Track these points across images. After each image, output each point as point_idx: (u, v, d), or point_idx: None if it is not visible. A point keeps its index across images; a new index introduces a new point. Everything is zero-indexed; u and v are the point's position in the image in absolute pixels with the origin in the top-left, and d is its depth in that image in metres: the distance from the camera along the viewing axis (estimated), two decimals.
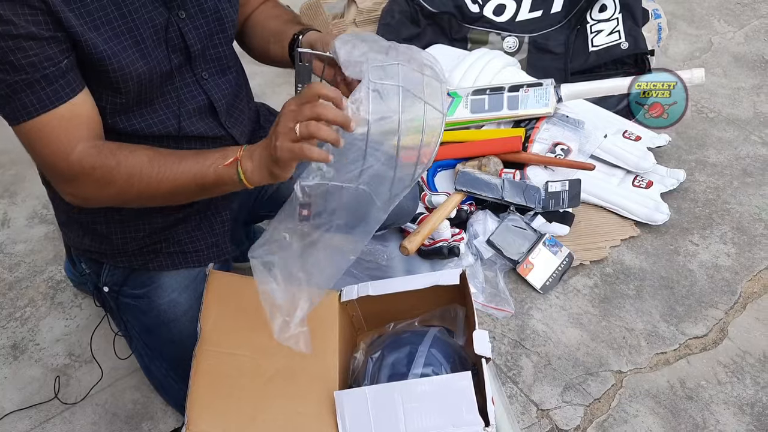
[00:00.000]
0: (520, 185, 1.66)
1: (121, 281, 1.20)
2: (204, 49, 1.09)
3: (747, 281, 1.57)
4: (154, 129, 1.07)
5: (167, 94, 1.07)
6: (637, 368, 1.42)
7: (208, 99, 1.12)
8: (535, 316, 1.52)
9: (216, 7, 1.07)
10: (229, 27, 1.11)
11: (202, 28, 1.06)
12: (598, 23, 2.05)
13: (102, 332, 1.41)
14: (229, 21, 1.11)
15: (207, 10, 1.06)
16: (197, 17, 1.05)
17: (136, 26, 0.97)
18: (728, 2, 2.45)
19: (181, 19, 1.03)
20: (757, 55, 2.22)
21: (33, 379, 1.45)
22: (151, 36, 1.00)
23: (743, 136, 1.94)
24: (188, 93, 1.09)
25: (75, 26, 0.91)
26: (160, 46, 1.02)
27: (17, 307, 1.60)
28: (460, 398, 1.03)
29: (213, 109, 1.14)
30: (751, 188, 1.78)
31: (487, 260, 1.61)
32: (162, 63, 1.02)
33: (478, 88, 1.86)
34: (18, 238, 1.76)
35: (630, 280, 1.58)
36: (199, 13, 1.05)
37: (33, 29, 0.88)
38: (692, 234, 1.68)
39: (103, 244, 1.17)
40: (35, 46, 0.89)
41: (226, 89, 1.16)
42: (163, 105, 1.07)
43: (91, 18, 0.93)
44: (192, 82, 1.10)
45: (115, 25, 0.95)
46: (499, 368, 1.42)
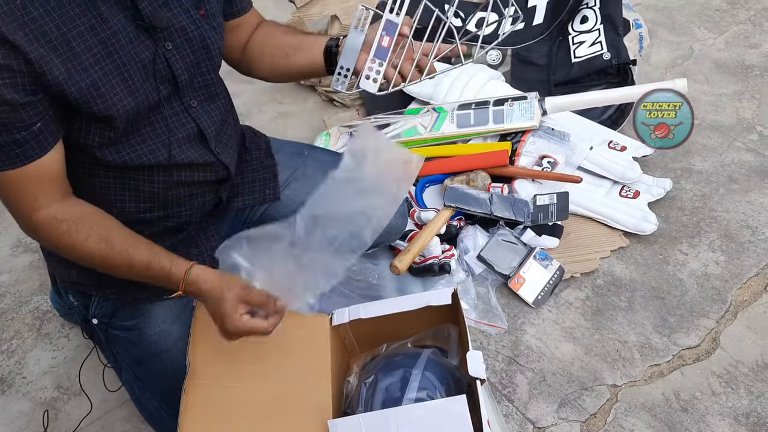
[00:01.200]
0: (509, 199, 1.66)
1: (111, 313, 1.19)
2: (191, 78, 1.08)
3: (737, 289, 1.57)
4: (144, 159, 1.07)
5: (156, 123, 1.06)
6: (632, 381, 1.41)
7: (197, 126, 1.11)
8: (528, 331, 1.51)
9: (202, 36, 1.07)
10: (215, 55, 1.11)
11: (188, 57, 1.06)
12: (580, 34, 2.06)
13: (91, 364, 1.39)
14: (216, 49, 1.11)
15: (193, 39, 1.06)
16: (183, 47, 1.05)
17: (123, 63, 0.97)
18: (707, 9, 2.47)
19: (168, 50, 1.03)
20: (737, 61, 2.24)
21: (21, 414, 1.43)
22: (138, 70, 0.99)
23: (727, 142, 1.95)
24: (177, 122, 1.09)
25: (59, 75, 0.90)
26: (148, 80, 1.01)
27: (3, 339, 1.57)
28: (455, 423, 1.02)
29: (203, 136, 1.13)
30: (737, 195, 1.79)
31: (479, 276, 1.61)
32: (150, 95, 1.02)
33: (463, 102, 1.86)
34: (2, 268, 1.73)
35: (621, 291, 1.58)
36: (185, 43, 1.05)
37: (8, 96, 0.88)
38: (681, 243, 1.68)
39: (90, 277, 1.15)
40: (9, 111, 0.89)
41: (215, 116, 1.15)
42: (152, 135, 1.06)
43: (78, 61, 0.92)
44: (180, 111, 1.09)
45: (103, 65, 0.95)
46: (493, 386, 1.41)
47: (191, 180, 1.15)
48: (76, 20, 0.91)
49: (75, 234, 0.99)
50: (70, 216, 1.00)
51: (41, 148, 0.94)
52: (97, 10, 0.93)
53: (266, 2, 2.64)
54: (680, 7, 2.49)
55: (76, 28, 0.92)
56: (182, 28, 1.04)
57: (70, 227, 0.99)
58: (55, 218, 0.99)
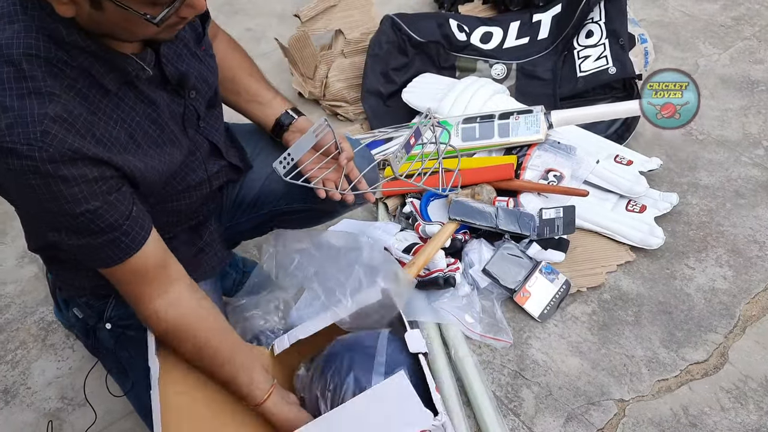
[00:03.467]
0: (514, 213, 1.65)
1: (130, 314, 1.18)
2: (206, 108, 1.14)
3: (745, 304, 1.56)
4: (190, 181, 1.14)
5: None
6: (639, 396, 1.40)
7: (210, 142, 1.16)
8: (534, 345, 1.50)
9: (209, 68, 1.12)
10: (217, 80, 1.16)
11: (206, 95, 1.11)
12: (585, 49, 2.07)
13: (95, 374, 1.38)
14: (216, 73, 1.15)
15: (206, 75, 1.10)
16: (202, 88, 1.09)
17: (170, 130, 1.03)
18: (712, 25, 2.48)
19: (192, 98, 1.07)
20: (743, 77, 2.24)
21: (25, 425, 1.42)
22: (176, 126, 1.05)
23: (733, 157, 1.95)
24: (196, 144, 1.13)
25: (139, 171, 0.97)
26: (182, 132, 1.06)
27: (8, 350, 1.57)
28: (404, 399, 1.06)
29: (217, 150, 1.19)
30: (744, 210, 1.79)
31: (484, 289, 1.60)
32: (184, 142, 1.07)
33: (468, 116, 1.87)
34: (8, 279, 1.74)
35: (628, 306, 1.57)
36: (203, 83, 1.09)
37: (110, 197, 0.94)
38: (688, 257, 1.67)
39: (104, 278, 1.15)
40: (110, 207, 0.94)
41: (219, 126, 1.20)
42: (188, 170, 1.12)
43: (143, 151, 0.98)
44: (195, 134, 1.13)
45: (159, 142, 1.01)
46: (500, 400, 1.40)
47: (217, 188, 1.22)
48: (135, 116, 0.96)
49: (169, 339, 1.08)
50: (168, 320, 1.06)
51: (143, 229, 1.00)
52: (143, 95, 0.97)
53: (270, 18, 2.67)
54: (685, 23, 2.50)
55: (134, 120, 0.96)
56: (198, 73, 1.08)
57: (167, 330, 1.07)
58: (157, 316, 1.05)
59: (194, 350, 1.08)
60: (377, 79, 2.10)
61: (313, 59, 2.20)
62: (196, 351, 1.08)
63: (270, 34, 2.44)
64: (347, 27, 2.22)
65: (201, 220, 1.27)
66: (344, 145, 1.23)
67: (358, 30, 2.22)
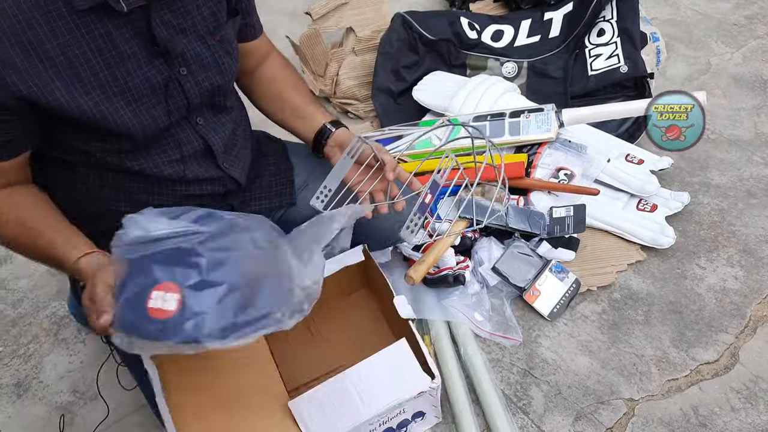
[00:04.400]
0: (524, 211, 1.65)
1: None
2: (202, 102, 1.09)
3: (756, 304, 1.56)
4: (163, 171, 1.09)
5: (164, 141, 1.08)
6: (649, 395, 1.40)
7: (205, 143, 1.12)
8: (543, 344, 1.50)
9: (216, 61, 1.08)
10: (229, 80, 1.13)
11: (203, 83, 1.07)
12: (597, 47, 2.06)
13: (107, 368, 1.40)
14: (230, 74, 1.12)
15: (208, 66, 1.07)
16: (198, 73, 1.06)
17: (128, 88, 0.98)
18: (725, 24, 2.47)
19: (183, 75, 1.04)
20: (755, 76, 2.22)
21: (37, 418, 1.44)
22: (147, 95, 1.00)
23: (746, 157, 1.94)
24: (185, 138, 1.10)
25: (60, 97, 0.92)
26: (159, 104, 1.02)
27: (20, 344, 1.59)
28: (402, 365, 1.15)
29: (211, 152, 1.14)
30: (756, 209, 1.78)
31: (493, 287, 1.60)
32: (160, 119, 1.03)
33: (479, 114, 1.87)
34: (21, 274, 1.75)
35: (638, 305, 1.57)
36: (201, 69, 1.06)
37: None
38: (699, 257, 1.67)
39: None
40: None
41: (222, 131, 1.16)
42: (160, 152, 1.08)
43: (81, 84, 0.94)
44: (188, 128, 1.10)
45: (107, 88, 0.96)
46: (509, 398, 1.40)
47: (200, 193, 1.16)
48: (84, 45, 0.93)
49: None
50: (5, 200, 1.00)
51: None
52: (108, 36, 0.94)
53: (281, 16, 2.67)
54: (697, 21, 2.48)
55: (84, 54, 0.93)
56: (197, 54, 1.05)
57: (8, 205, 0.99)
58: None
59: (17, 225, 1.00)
60: (388, 77, 2.10)
61: (324, 57, 2.20)
62: (19, 225, 1.00)
63: (281, 31, 2.44)
64: (358, 25, 2.22)
65: None
66: (385, 157, 1.17)
67: (369, 28, 2.22)
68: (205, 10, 1.04)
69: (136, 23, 0.96)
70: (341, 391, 1.13)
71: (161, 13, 0.98)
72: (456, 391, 1.38)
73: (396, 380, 1.14)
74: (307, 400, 1.13)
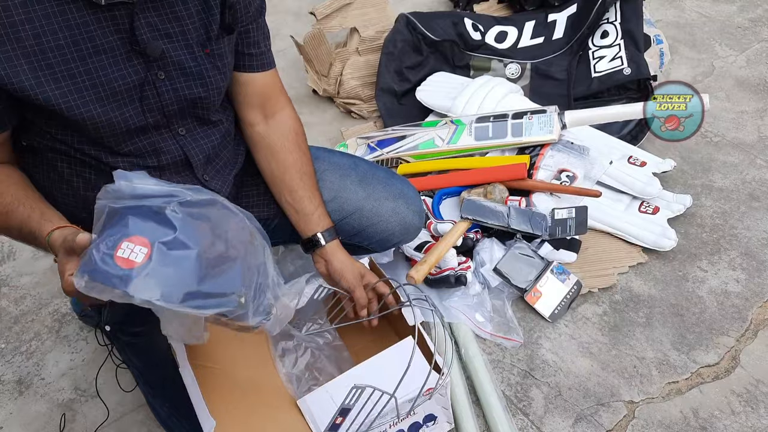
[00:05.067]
0: (526, 212, 1.65)
1: (121, 319, 1.19)
2: (181, 110, 1.07)
3: (758, 307, 1.55)
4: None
5: (143, 147, 1.06)
6: (649, 398, 1.40)
7: (184, 154, 1.11)
8: (544, 345, 1.50)
9: (201, 73, 1.05)
10: (213, 94, 1.09)
11: (182, 91, 1.05)
12: (600, 49, 2.06)
13: (108, 366, 1.40)
14: (215, 88, 1.09)
15: (190, 74, 1.04)
16: (178, 80, 1.04)
17: (101, 82, 0.97)
18: (729, 26, 2.46)
19: (160, 79, 1.02)
20: (759, 79, 2.22)
21: (39, 415, 1.44)
22: (121, 92, 0.99)
23: (748, 160, 1.93)
24: (165, 147, 1.09)
25: (25, 81, 0.91)
26: (132, 103, 1.01)
27: (23, 340, 1.59)
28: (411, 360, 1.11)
29: (189, 164, 1.13)
30: (758, 213, 1.77)
31: (495, 288, 1.60)
32: (131, 119, 1.02)
33: (481, 115, 1.87)
34: (23, 271, 1.76)
35: (639, 307, 1.57)
36: (181, 76, 1.04)
37: None
38: (700, 260, 1.67)
39: None
40: None
41: (205, 143, 1.14)
42: (137, 155, 1.07)
43: (51, 71, 0.93)
44: (169, 137, 1.09)
45: (78, 80, 0.95)
46: (509, 399, 1.41)
47: None
48: (58, 33, 0.92)
49: None
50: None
51: None
52: (85, 27, 0.93)
53: (285, 16, 2.68)
54: (701, 24, 2.48)
55: (56, 41, 0.92)
56: (180, 62, 1.03)
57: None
58: None
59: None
60: (391, 77, 2.11)
61: (328, 57, 2.20)
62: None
63: (285, 31, 2.45)
64: (362, 25, 2.22)
65: None
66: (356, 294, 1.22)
67: (373, 28, 2.22)
68: (197, 20, 1.03)
69: (118, 19, 0.95)
70: (349, 387, 1.12)
71: (147, 15, 0.97)
72: (456, 392, 1.38)
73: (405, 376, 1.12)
74: (315, 396, 1.13)
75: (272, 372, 1.25)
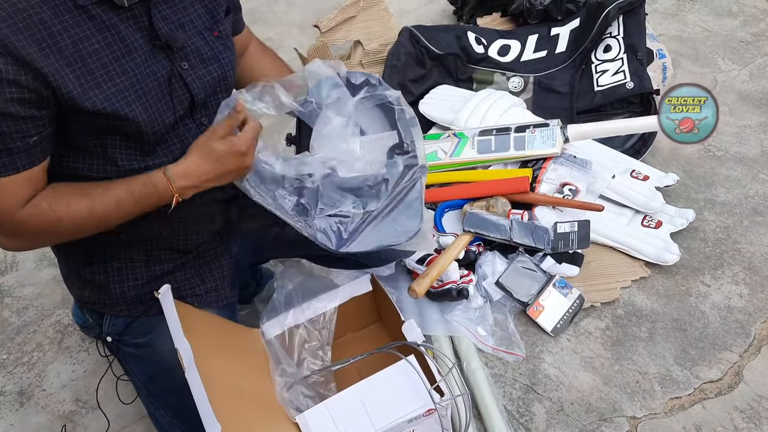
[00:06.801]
0: (529, 226, 1.65)
1: (123, 330, 1.19)
2: (207, 98, 1.10)
3: (761, 323, 1.55)
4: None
5: (170, 140, 1.08)
6: (652, 414, 1.39)
7: None
8: (546, 359, 1.50)
9: (216, 56, 1.09)
10: (230, 74, 1.14)
11: (205, 77, 1.08)
12: (603, 63, 2.07)
13: (109, 378, 1.39)
14: (230, 68, 1.13)
15: (207, 60, 1.08)
16: (199, 67, 1.07)
17: (138, 80, 0.99)
18: (732, 41, 2.47)
19: (184, 69, 1.05)
20: (762, 93, 2.22)
21: (39, 427, 1.44)
22: (154, 88, 1.01)
23: (751, 174, 1.93)
24: (191, 138, 1.10)
25: (73, 90, 0.93)
26: (164, 98, 1.03)
27: (24, 351, 1.59)
28: (411, 381, 1.15)
29: None
30: (761, 227, 1.77)
31: (497, 302, 1.60)
32: (165, 114, 1.04)
33: (484, 128, 1.87)
34: (26, 281, 1.76)
35: (642, 322, 1.56)
36: (201, 63, 1.07)
37: (12, 110, 0.89)
38: (703, 274, 1.66)
39: (102, 294, 1.16)
40: (9, 120, 0.90)
41: None
42: (166, 151, 1.08)
43: (92, 76, 0.95)
44: (194, 128, 1.11)
45: (117, 81, 0.97)
46: (511, 414, 1.40)
47: (200, 200, 1.14)
48: (92, 38, 0.95)
49: (57, 206, 0.99)
50: (45, 194, 0.99)
51: (30, 161, 0.96)
52: (115, 28, 0.97)
53: (290, 28, 2.70)
54: (704, 38, 2.49)
55: (92, 46, 0.95)
56: (197, 49, 1.07)
57: (50, 203, 0.99)
58: (33, 205, 0.98)
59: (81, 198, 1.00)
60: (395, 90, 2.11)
61: None
62: (84, 196, 1.00)
63: (289, 43, 2.46)
64: (366, 38, 2.24)
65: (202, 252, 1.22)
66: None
67: (376, 41, 2.23)
68: (200, 7, 1.08)
69: (138, 18, 0.99)
70: (349, 405, 1.13)
71: (161, 9, 1.01)
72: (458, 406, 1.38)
73: (405, 395, 1.13)
74: (315, 413, 1.13)
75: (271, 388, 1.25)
